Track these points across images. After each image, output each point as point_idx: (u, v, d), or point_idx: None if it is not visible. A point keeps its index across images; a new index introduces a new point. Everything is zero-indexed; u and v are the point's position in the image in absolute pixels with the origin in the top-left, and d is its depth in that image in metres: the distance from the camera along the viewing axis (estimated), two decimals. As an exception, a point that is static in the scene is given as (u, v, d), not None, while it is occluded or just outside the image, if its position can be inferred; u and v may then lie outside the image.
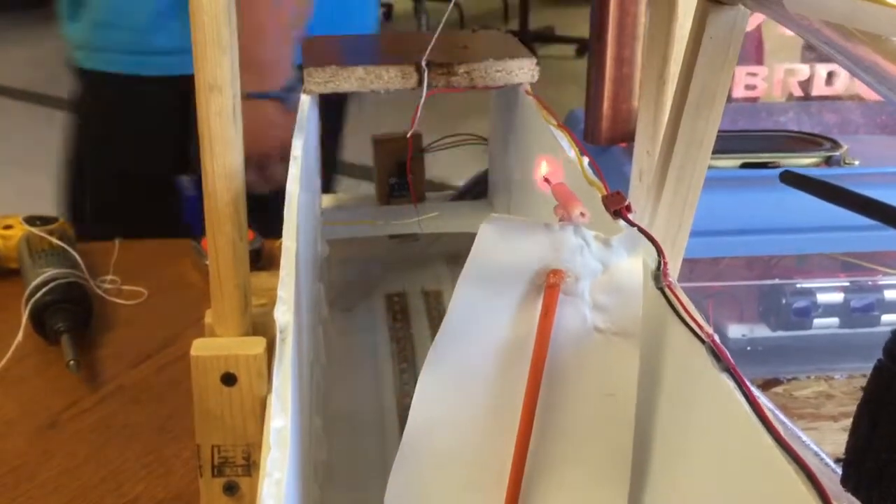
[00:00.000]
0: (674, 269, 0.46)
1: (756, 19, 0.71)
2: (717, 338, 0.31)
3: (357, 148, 0.56)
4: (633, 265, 0.37)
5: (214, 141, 0.49)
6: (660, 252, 0.38)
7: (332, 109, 0.74)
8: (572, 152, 0.51)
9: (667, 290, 0.35)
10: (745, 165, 0.64)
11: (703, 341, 0.31)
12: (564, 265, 0.36)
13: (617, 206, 0.42)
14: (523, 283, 0.37)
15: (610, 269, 0.37)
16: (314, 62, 0.62)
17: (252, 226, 0.65)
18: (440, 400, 0.38)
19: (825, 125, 0.72)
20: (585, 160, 0.50)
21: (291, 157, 0.50)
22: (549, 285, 0.36)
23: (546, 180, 0.41)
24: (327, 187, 0.96)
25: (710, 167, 0.61)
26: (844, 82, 0.70)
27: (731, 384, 0.29)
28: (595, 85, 0.69)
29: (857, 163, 0.65)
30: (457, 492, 0.39)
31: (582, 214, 0.36)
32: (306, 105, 0.60)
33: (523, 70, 0.64)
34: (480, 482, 0.38)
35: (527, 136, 0.64)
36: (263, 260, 0.87)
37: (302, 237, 0.46)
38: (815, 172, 0.64)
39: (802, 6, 0.31)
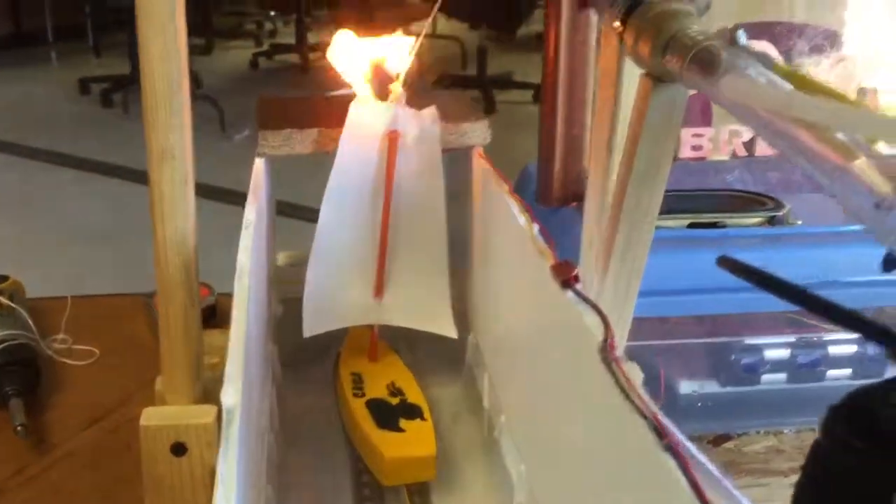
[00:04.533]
0: (621, 338, 0.47)
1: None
2: (660, 415, 0.32)
3: (318, 194, 0.59)
4: (434, 128, 0.61)
5: (166, 206, 0.49)
6: (606, 325, 0.38)
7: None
8: (522, 219, 0.51)
9: (613, 366, 0.35)
10: (692, 225, 0.66)
11: (645, 418, 0.32)
12: (399, 128, 0.60)
13: (565, 277, 0.43)
14: (378, 140, 0.60)
15: (423, 131, 0.61)
16: (269, 124, 0.63)
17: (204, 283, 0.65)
18: (335, 215, 0.61)
19: (769, 183, 0.74)
20: (535, 228, 0.51)
21: (244, 225, 0.50)
22: (391, 140, 0.60)
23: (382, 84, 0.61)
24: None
25: (658, 227, 0.62)
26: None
27: (672, 463, 0.29)
28: (546, 146, 0.70)
29: (799, 222, 0.66)
30: (347, 272, 0.63)
31: (402, 96, 0.60)
32: (260, 168, 0.61)
33: (476, 133, 0.65)
34: (361, 265, 0.63)
35: (479, 199, 0.65)
36: (218, 316, 0.86)
37: (253, 306, 0.46)
38: (760, 233, 0.65)
39: (738, 93, 0.33)
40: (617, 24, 0.45)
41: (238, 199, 0.67)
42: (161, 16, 0.46)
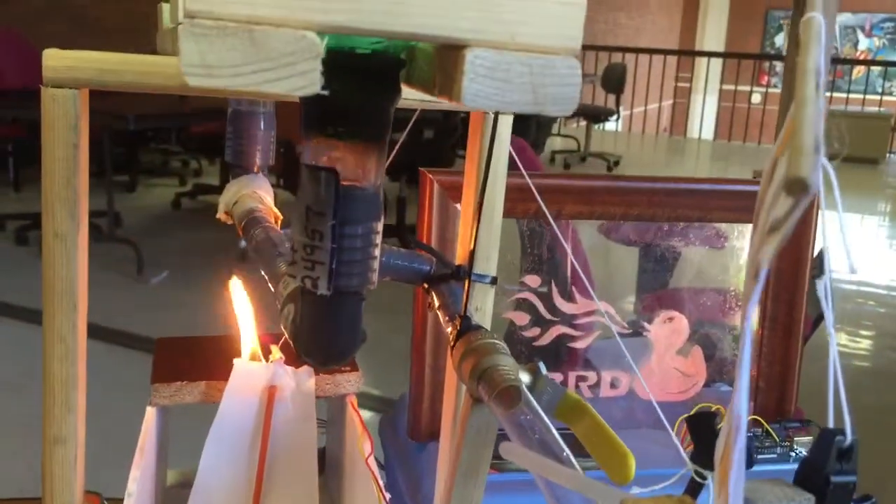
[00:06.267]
0: None
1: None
2: None
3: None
4: (309, 383, 0.70)
5: (55, 481, 0.56)
6: None
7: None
8: (374, 488, 0.59)
9: None
10: (539, 468, 0.74)
11: None
12: (277, 384, 0.69)
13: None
14: (257, 394, 0.69)
15: (300, 385, 0.69)
16: (161, 376, 0.70)
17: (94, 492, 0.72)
18: (215, 460, 0.68)
19: (612, 420, 0.83)
20: (386, 498, 0.58)
21: (126, 494, 0.56)
22: (269, 394, 0.68)
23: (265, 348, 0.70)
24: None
25: (505, 469, 0.71)
26: (627, 383, 0.83)
27: None
28: (416, 387, 0.79)
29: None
30: None
31: (281, 359, 0.69)
32: (151, 419, 0.68)
33: (350, 383, 0.73)
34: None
35: (348, 447, 0.73)
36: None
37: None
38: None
39: (512, 455, 0.42)
40: (450, 336, 0.54)
41: (152, 346, 0.73)
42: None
